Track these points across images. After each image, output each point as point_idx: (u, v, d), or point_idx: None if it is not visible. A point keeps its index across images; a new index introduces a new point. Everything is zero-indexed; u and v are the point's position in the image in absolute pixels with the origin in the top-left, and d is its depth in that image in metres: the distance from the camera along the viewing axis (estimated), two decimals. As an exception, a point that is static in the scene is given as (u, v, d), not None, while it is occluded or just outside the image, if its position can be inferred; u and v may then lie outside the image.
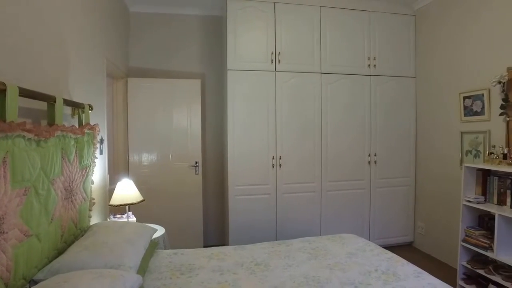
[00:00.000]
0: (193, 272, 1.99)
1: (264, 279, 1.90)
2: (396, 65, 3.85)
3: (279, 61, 3.49)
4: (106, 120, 2.93)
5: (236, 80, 3.43)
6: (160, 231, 2.81)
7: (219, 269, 2.04)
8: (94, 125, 2.22)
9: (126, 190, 2.71)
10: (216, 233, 4.07)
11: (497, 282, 2.52)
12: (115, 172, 3.56)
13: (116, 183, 2.82)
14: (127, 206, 2.73)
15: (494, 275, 2.56)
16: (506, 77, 2.75)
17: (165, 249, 2.72)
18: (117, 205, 2.62)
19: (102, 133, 2.72)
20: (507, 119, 2.78)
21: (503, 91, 2.78)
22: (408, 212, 3.96)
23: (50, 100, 1.61)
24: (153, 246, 2.28)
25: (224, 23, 3.63)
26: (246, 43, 3.44)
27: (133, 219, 2.85)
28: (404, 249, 3.85)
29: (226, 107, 3.52)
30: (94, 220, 2.42)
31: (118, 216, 2.87)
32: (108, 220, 2.78)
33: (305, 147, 3.60)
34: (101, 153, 2.65)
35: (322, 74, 3.62)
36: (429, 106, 3.75)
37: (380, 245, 3.57)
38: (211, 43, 4.03)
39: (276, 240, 3.37)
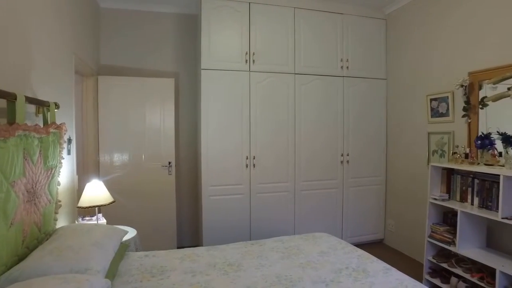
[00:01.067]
0: (165, 274, 1.96)
1: (237, 280, 1.89)
2: (368, 67, 3.95)
3: (253, 61, 3.50)
4: (75, 119, 2.83)
5: (210, 80, 3.40)
6: (131, 233, 2.75)
7: (191, 271, 2.01)
8: (60, 124, 2.13)
9: (96, 191, 2.63)
10: (190, 234, 4.02)
11: (458, 274, 2.66)
12: (84, 173, 3.44)
13: (86, 185, 2.72)
14: (96, 208, 2.65)
15: (455, 268, 2.70)
16: (468, 81, 2.90)
17: (136, 251, 2.66)
18: (86, 207, 2.54)
19: (70, 132, 2.62)
20: (469, 120, 2.93)
21: (465, 94, 2.93)
22: (379, 210, 4.08)
23: (10, 97, 1.53)
24: (124, 248, 2.22)
25: (198, 21, 3.59)
26: (220, 42, 3.42)
27: (103, 221, 2.76)
28: (375, 246, 3.97)
29: (199, 107, 3.49)
30: (61, 223, 2.33)
31: (87, 218, 2.77)
32: (76, 222, 2.68)
33: (279, 147, 3.63)
34: (68, 153, 2.55)
35: (296, 74, 3.66)
36: (399, 107, 3.88)
37: (353, 243, 3.66)
38: (185, 42, 3.98)
39: (250, 240, 3.38)
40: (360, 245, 3.72)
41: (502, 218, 2.31)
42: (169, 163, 3.78)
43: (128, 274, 1.93)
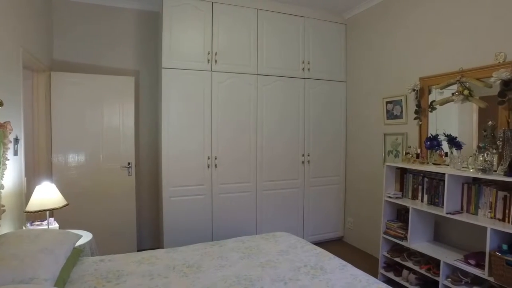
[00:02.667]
0: (121, 279, 1.89)
1: (196, 281, 1.88)
2: (329, 69, 4.07)
3: (215, 61, 3.48)
4: (23, 117, 2.65)
5: (171, 79, 3.34)
6: (86, 237, 2.62)
7: (149, 274, 1.97)
8: (5, 122, 1.99)
9: (47, 194, 2.48)
10: (150, 236, 3.92)
11: (409, 267, 2.83)
12: (35, 175, 3.23)
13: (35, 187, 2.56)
14: (47, 212, 2.50)
15: (407, 261, 2.87)
16: (419, 86, 3.08)
17: (92, 256, 2.54)
18: (35, 211, 2.38)
19: (17, 131, 2.45)
20: (420, 123, 3.11)
21: (416, 98, 3.11)
22: (339, 209, 4.22)
23: None
24: (77, 253, 2.12)
25: (159, 19, 3.51)
26: (182, 41, 3.36)
27: (54, 225, 2.61)
28: (335, 244, 4.10)
29: (160, 106, 3.41)
30: (4, 229, 2.16)
31: (36, 223, 2.61)
32: (24, 228, 2.51)
33: (241, 147, 3.64)
34: (15, 154, 2.38)
35: (258, 75, 3.69)
36: (358, 109, 4.04)
37: (314, 241, 3.77)
38: (146, 39, 3.86)
39: (212, 241, 3.35)
40: (321, 243, 3.84)
41: (447, 213, 2.49)
42: (129, 163, 3.66)
43: (81, 281, 1.85)
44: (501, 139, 2.27)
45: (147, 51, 3.87)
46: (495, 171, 2.30)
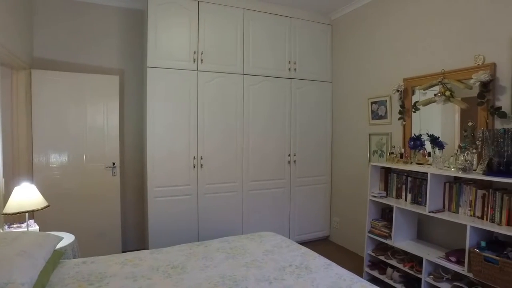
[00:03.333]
0: (104, 281, 1.86)
1: (180, 282, 1.85)
2: (315, 70, 4.10)
3: (201, 60, 3.46)
4: (1, 116, 2.57)
5: (156, 78, 3.30)
6: (68, 238, 2.56)
7: (133, 276, 1.93)
8: (-19, 122, 1.93)
9: (26, 196, 2.41)
10: (135, 238, 3.86)
11: (393, 265, 2.87)
12: (15, 175, 3.15)
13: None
14: (27, 214, 2.43)
15: (391, 259, 2.91)
16: (403, 87, 3.13)
17: (74, 258, 2.49)
18: (13, 213, 2.31)
19: (-5, 131, 2.38)
20: (404, 123, 3.16)
21: (400, 98, 3.16)
22: (325, 209, 4.25)
23: None
24: (58, 256, 2.07)
25: (144, 17, 3.46)
26: (168, 40, 3.33)
27: (34, 228, 2.55)
28: (321, 243, 4.13)
29: (146, 106, 3.36)
30: (-18, 231, 2.10)
31: (15, 226, 2.53)
32: (1, 231, 2.44)
33: (227, 147, 3.63)
34: (-7, 154, 2.32)
35: (244, 75, 3.68)
36: (343, 109, 4.08)
37: (300, 241, 3.79)
38: (131, 38, 3.81)
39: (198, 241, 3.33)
40: (307, 243, 3.86)
41: (429, 212, 2.54)
42: (113, 164, 3.60)
43: (61, 284, 1.80)
44: (480, 139, 2.33)
45: (132, 50, 3.81)
46: (475, 170, 2.35)
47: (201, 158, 3.49)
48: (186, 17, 3.40)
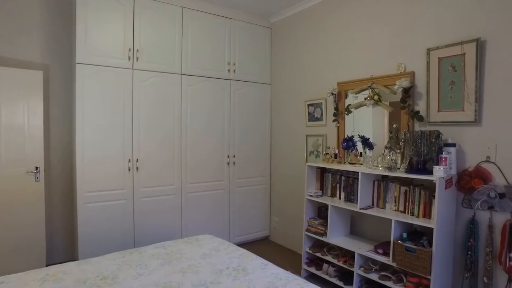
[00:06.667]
0: (17, 302, 1.66)
1: (109, 295, 1.73)
2: (254, 71, 4.15)
3: (137, 58, 3.29)
4: None
5: (86, 76, 3.06)
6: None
7: (54, 292, 1.76)
8: None
9: None
10: (63, 248, 3.53)
11: (329, 261, 3.01)
12: None
13: None
14: None
15: (327, 255, 3.05)
16: (336, 90, 3.30)
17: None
18: None
19: None
20: (338, 125, 3.34)
21: (334, 101, 3.33)
22: (265, 209, 4.31)
23: None
24: (-39, 275, 1.80)
25: (73, 8, 3.20)
26: (99, 35, 3.11)
27: None
28: (261, 243, 4.18)
29: (74, 105, 3.10)
30: None
31: None
32: None
33: (165, 149, 3.51)
34: None
35: (183, 75, 3.59)
36: (282, 111, 4.18)
37: (240, 242, 3.80)
38: (58, 31, 3.47)
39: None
40: (248, 243, 3.89)
41: (360, 209, 2.71)
42: (37, 168, 3.25)
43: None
44: (403, 140, 2.54)
45: (59, 44, 3.48)
46: (399, 168, 2.57)
47: (137, 161, 3.32)
48: (120, 11, 3.20)
